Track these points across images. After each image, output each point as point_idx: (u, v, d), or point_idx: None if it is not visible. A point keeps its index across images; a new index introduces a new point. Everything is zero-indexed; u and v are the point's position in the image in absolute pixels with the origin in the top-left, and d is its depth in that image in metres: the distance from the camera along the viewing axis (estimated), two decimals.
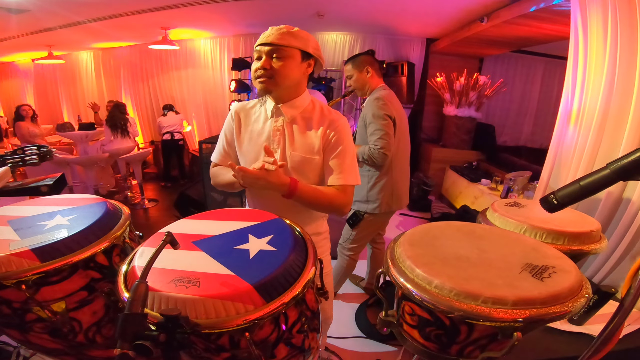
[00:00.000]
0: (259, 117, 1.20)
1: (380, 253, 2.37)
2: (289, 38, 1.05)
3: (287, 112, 1.14)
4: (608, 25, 1.62)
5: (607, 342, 0.55)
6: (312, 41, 1.12)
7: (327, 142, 1.13)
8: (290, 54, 1.06)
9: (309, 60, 1.12)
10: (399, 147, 1.96)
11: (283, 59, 1.06)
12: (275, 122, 1.15)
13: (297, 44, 1.06)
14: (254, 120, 1.21)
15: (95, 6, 3.52)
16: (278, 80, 1.07)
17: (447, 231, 0.91)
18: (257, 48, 1.08)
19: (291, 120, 1.15)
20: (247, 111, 1.23)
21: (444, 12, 3.62)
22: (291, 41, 1.05)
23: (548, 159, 2.07)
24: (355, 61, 1.97)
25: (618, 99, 1.58)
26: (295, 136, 1.15)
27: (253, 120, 1.21)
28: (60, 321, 0.78)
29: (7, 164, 1.37)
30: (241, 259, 0.69)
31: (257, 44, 1.08)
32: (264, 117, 1.19)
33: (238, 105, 1.25)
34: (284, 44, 1.04)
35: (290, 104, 1.15)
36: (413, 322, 0.78)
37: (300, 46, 1.07)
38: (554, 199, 0.63)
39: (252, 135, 1.19)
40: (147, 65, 6.13)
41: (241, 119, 1.22)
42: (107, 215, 0.90)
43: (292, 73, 1.08)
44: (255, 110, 1.23)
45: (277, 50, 1.05)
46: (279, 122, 1.15)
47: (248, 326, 0.58)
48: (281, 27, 1.06)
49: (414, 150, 2.72)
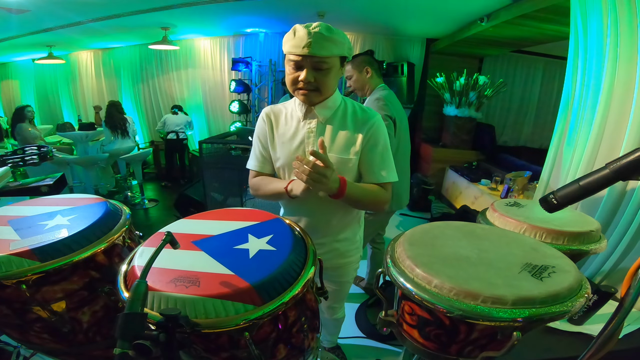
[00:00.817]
0: (290, 119, 1.16)
1: (380, 253, 2.37)
2: (330, 46, 0.98)
3: (321, 113, 1.11)
4: (608, 25, 1.62)
5: (607, 342, 0.55)
6: (347, 41, 1.06)
7: (365, 141, 1.10)
8: (333, 64, 1.02)
9: (345, 61, 1.09)
10: (399, 147, 1.96)
11: (327, 71, 1.01)
12: (309, 124, 1.11)
13: (337, 52, 1.01)
14: (285, 122, 1.16)
15: (95, 6, 3.52)
16: (323, 92, 1.05)
17: (447, 231, 0.91)
18: (294, 57, 1.00)
19: (325, 121, 1.11)
20: (277, 113, 1.19)
21: (444, 12, 3.62)
22: (333, 50, 0.99)
23: (548, 159, 2.07)
24: (355, 62, 1.97)
25: (618, 99, 1.58)
26: (330, 137, 1.11)
27: (283, 122, 1.17)
28: (60, 321, 0.78)
29: (7, 164, 1.37)
30: (241, 259, 0.69)
31: (294, 52, 0.99)
32: (296, 118, 1.14)
33: (268, 108, 1.20)
34: (327, 55, 0.98)
35: (323, 105, 1.10)
36: (413, 322, 0.78)
37: (340, 53, 1.02)
38: (554, 199, 0.63)
39: (284, 138, 1.15)
40: (147, 65, 6.13)
41: (272, 122, 1.18)
42: (107, 215, 0.90)
43: (335, 82, 1.07)
44: (285, 111, 1.18)
45: (320, 62, 0.99)
46: (312, 124, 1.11)
47: (248, 326, 0.58)
48: (316, 30, 0.96)
49: (414, 150, 2.72)
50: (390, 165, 1.14)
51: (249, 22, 4.59)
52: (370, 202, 1.12)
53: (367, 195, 1.09)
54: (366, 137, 1.10)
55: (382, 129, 1.13)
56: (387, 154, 1.14)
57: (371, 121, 1.11)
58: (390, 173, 1.13)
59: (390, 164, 1.14)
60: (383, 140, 1.13)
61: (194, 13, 4.01)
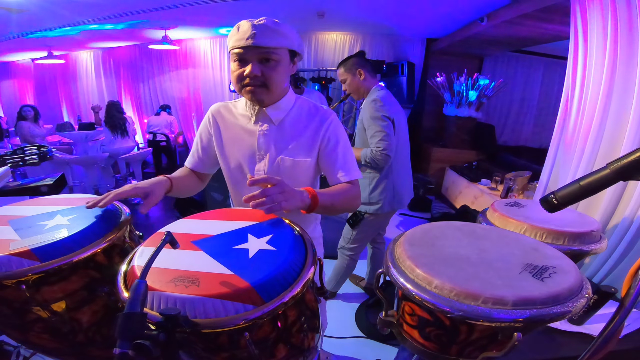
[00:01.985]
0: (241, 119, 1.09)
1: (380, 253, 2.37)
2: (277, 37, 0.92)
3: (274, 115, 1.05)
4: (608, 25, 1.62)
5: (607, 342, 0.55)
6: (296, 35, 0.99)
7: (323, 141, 1.07)
8: (280, 55, 0.95)
9: (295, 57, 1.02)
10: (399, 147, 1.96)
11: (275, 64, 0.95)
12: (261, 127, 1.06)
13: (285, 43, 0.94)
14: (235, 123, 1.10)
15: (95, 6, 3.52)
16: (272, 88, 0.98)
17: (447, 231, 0.91)
18: (238, 51, 0.93)
19: (278, 123, 1.06)
20: (227, 111, 1.12)
21: (444, 12, 3.62)
22: (280, 40, 0.93)
23: (548, 159, 2.07)
24: (346, 65, 1.96)
25: (618, 99, 1.58)
26: (284, 139, 1.06)
27: (234, 122, 1.10)
28: (60, 321, 0.78)
29: (7, 164, 1.37)
30: (241, 259, 0.69)
31: (238, 45, 0.92)
32: (246, 119, 1.08)
33: (216, 106, 1.14)
34: (274, 46, 0.92)
35: (276, 106, 1.05)
36: (413, 322, 0.78)
37: (288, 44, 0.96)
38: (554, 199, 0.63)
39: (235, 139, 1.09)
40: (147, 65, 6.13)
41: (219, 121, 1.12)
42: (107, 215, 0.90)
43: (284, 77, 1.00)
44: (236, 111, 1.11)
45: (267, 53, 0.93)
46: (264, 127, 1.06)
47: (247, 326, 0.58)
48: (261, 21, 0.91)
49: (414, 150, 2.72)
50: (353, 163, 1.11)
51: None
52: (344, 203, 1.05)
53: (338, 196, 1.03)
54: (325, 137, 1.07)
55: (340, 126, 1.11)
56: (348, 152, 1.10)
57: (328, 119, 1.07)
58: (355, 171, 1.10)
59: (353, 161, 1.11)
60: (343, 138, 1.09)
61: (194, 13, 4.01)
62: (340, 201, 1.04)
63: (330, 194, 1.01)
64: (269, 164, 1.07)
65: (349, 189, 1.07)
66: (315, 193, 0.93)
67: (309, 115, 1.09)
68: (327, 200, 0.98)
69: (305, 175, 1.10)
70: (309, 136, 1.07)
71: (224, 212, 0.94)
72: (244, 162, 1.09)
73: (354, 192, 1.08)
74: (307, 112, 1.10)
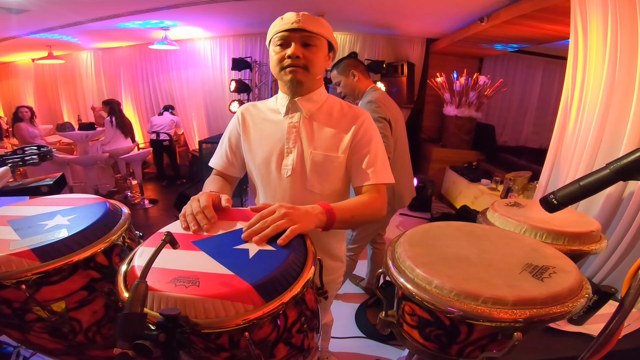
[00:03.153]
0: (270, 114, 1.08)
1: (380, 253, 2.37)
2: (319, 26, 0.96)
3: (305, 107, 1.03)
4: (608, 25, 1.62)
5: (607, 342, 0.55)
6: (332, 32, 1.03)
7: (355, 139, 1.02)
8: (321, 42, 0.98)
9: (331, 52, 1.04)
10: (397, 147, 1.96)
11: (316, 49, 0.97)
12: (291, 119, 1.03)
13: (325, 33, 0.98)
14: (264, 118, 1.08)
15: (95, 6, 3.52)
16: (312, 70, 0.97)
17: (447, 231, 0.91)
18: (282, 34, 0.95)
19: (310, 115, 1.04)
20: (256, 110, 1.11)
21: (444, 12, 3.63)
22: (321, 29, 0.96)
23: (548, 159, 2.07)
24: (339, 67, 1.96)
25: (618, 99, 1.58)
26: (315, 133, 1.02)
27: (263, 118, 1.09)
28: (60, 321, 0.78)
29: (7, 164, 1.37)
30: (241, 259, 0.69)
31: (282, 29, 0.95)
32: (276, 113, 1.07)
33: (244, 106, 1.14)
34: (316, 32, 0.95)
35: (308, 98, 1.03)
36: (413, 322, 0.78)
37: (328, 35, 0.99)
38: (554, 199, 0.63)
39: (263, 134, 1.06)
40: (147, 65, 6.14)
41: (247, 119, 1.10)
42: (107, 215, 0.90)
43: (322, 64, 1.00)
44: (264, 108, 1.11)
45: (310, 38, 0.95)
46: (294, 119, 1.03)
47: (247, 326, 0.58)
48: (305, 13, 0.96)
49: (414, 150, 2.72)
50: (385, 166, 1.04)
51: (249, 22, 4.60)
52: (366, 215, 0.97)
53: (358, 208, 0.95)
54: (358, 134, 1.03)
55: (374, 127, 1.07)
56: (380, 153, 1.04)
57: (362, 118, 1.05)
58: (385, 174, 1.03)
59: (385, 164, 1.05)
60: (376, 137, 1.05)
61: (194, 13, 4.01)
62: (362, 214, 0.96)
63: (350, 207, 0.93)
64: (298, 158, 1.02)
65: (372, 199, 0.99)
66: (331, 207, 0.86)
67: (341, 111, 1.07)
68: (346, 214, 0.90)
69: (336, 173, 1.04)
70: (341, 132, 1.03)
71: (224, 212, 0.94)
72: (272, 157, 1.04)
73: (378, 202, 0.99)
74: (340, 109, 1.07)
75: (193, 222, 0.79)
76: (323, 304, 1.32)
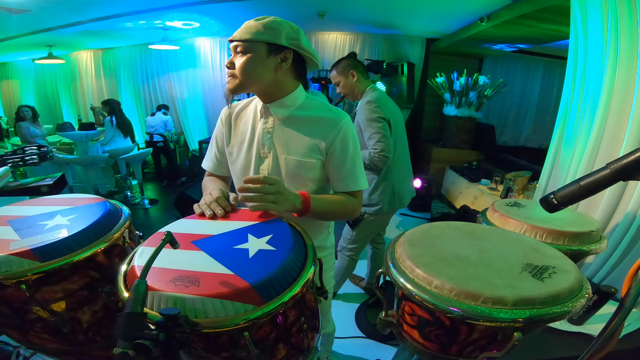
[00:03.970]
0: (250, 118, 1.09)
1: (380, 253, 2.37)
2: (254, 31, 0.93)
3: (277, 112, 1.03)
4: (608, 25, 1.62)
5: (607, 342, 0.55)
6: (287, 30, 0.96)
7: (332, 145, 1.02)
8: (252, 48, 0.94)
9: (281, 53, 0.97)
10: (397, 147, 1.96)
11: (244, 55, 0.95)
12: (265, 124, 1.04)
13: (261, 37, 0.93)
14: (245, 121, 1.09)
15: (95, 6, 3.52)
16: (241, 80, 0.96)
17: (447, 231, 0.91)
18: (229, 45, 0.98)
19: (283, 120, 1.03)
20: (237, 112, 1.12)
21: (444, 12, 3.62)
22: (255, 34, 0.93)
23: (548, 159, 2.07)
24: (338, 67, 1.96)
25: (618, 99, 1.58)
26: (289, 138, 1.03)
27: (244, 121, 1.10)
28: (60, 321, 0.78)
29: (7, 164, 1.37)
30: (241, 259, 0.69)
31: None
32: (254, 117, 1.07)
33: (227, 108, 1.14)
34: (245, 39, 0.93)
35: (279, 103, 1.02)
36: (413, 322, 0.78)
37: (265, 38, 0.93)
38: (554, 199, 0.63)
39: (243, 138, 1.08)
40: (147, 65, 6.13)
41: (231, 122, 1.12)
42: (107, 215, 0.90)
43: (256, 70, 0.95)
44: (247, 110, 1.11)
45: (239, 46, 0.95)
46: (268, 124, 1.04)
47: (247, 326, 0.58)
48: (251, 21, 0.96)
49: (414, 150, 2.72)
50: (362, 172, 1.07)
51: None
52: (339, 213, 1.05)
53: (334, 206, 1.02)
54: (335, 141, 1.01)
55: (353, 131, 1.05)
56: (358, 160, 1.06)
57: (341, 123, 1.02)
58: (361, 180, 1.07)
59: (361, 171, 1.07)
60: (353, 144, 1.04)
61: (194, 13, 4.01)
62: (336, 211, 1.04)
63: (327, 202, 1.01)
64: (272, 163, 1.04)
65: (348, 200, 1.05)
66: (308, 199, 0.94)
67: (320, 114, 1.04)
68: (320, 207, 0.98)
69: (312, 177, 1.05)
70: (317, 137, 1.02)
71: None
72: (250, 162, 1.07)
73: (353, 203, 1.06)
74: (317, 112, 1.05)
75: (208, 210, 0.88)
76: (323, 308, 1.32)
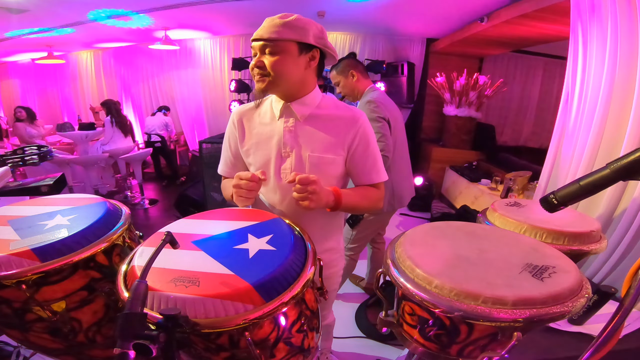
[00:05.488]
0: (265, 118, 1.09)
1: (380, 253, 2.37)
2: (282, 30, 0.93)
3: (299, 111, 1.04)
4: (608, 25, 1.62)
5: (607, 342, 0.55)
6: (314, 29, 0.98)
7: (353, 140, 1.05)
8: (284, 48, 0.94)
9: (310, 52, 0.99)
10: (397, 147, 1.96)
11: (276, 55, 0.94)
12: (286, 123, 1.04)
13: (291, 36, 0.94)
14: (260, 122, 1.09)
15: (95, 6, 3.52)
16: (275, 80, 0.97)
17: (447, 231, 0.91)
18: (252, 44, 0.98)
19: (304, 119, 1.04)
20: (249, 114, 1.12)
21: (444, 12, 3.62)
22: (284, 33, 0.93)
23: (548, 159, 2.07)
24: (338, 67, 1.96)
25: (618, 99, 1.58)
26: (311, 136, 1.04)
27: (258, 122, 1.09)
28: (60, 321, 0.78)
29: (7, 164, 1.37)
30: (241, 259, 0.69)
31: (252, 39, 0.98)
32: (271, 117, 1.07)
33: (238, 110, 1.14)
34: (275, 38, 0.93)
35: (301, 102, 1.04)
36: (413, 322, 0.78)
37: (295, 37, 0.94)
38: (554, 198, 0.63)
39: (260, 139, 1.08)
40: (147, 65, 6.13)
41: (244, 123, 1.11)
42: (107, 215, 0.90)
43: (289, 69, 0.97)
44: (259, 111, 1.11)
45: (269, 46, 0.94)
46: (289, 123, 1.04)
47: (247, 326, 0.58)
48: (274, 18, 0.95)
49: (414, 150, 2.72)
50: (381, 165, 1.13)
51: (249, 22, 4.59)
52: (367, 205, 1.11)
53: (362, 199, 1.08)
54: (356, 137, 1.06)
55: (370, 127, 1.10)
56: (377, 154, 1.12)
57: (359, 120, 1.06)
58: (382, 172, 1.13)
59: (381, 163, 1.13)
60: (372, 139, 1.10)
61: (194, 13, 4.01)
62: (363, 204, 1.09)
63: (354, 196, 1.06)
64: (296, 161, 1.05)
65: (372, 192, 1.11)
66: (340, 193, 0.99)
67: (338, 112, 1.07)
68: (349, 201, 1.03)
69: (335, 173, 1.08)
70: (338, 134, 1.05)
71: (224, 212, 0.94)
72: (270, 161, 1.07)
73: (377, 195, 1.12)
74: (336, 110, 1.08)
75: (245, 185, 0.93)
76: (325, 302, 1.33)
